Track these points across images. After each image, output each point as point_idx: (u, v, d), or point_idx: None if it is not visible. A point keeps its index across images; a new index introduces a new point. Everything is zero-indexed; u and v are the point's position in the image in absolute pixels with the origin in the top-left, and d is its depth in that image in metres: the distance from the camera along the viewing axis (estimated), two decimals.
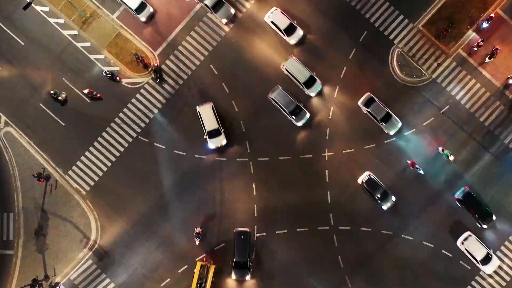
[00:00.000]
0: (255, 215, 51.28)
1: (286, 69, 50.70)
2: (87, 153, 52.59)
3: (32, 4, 53.21)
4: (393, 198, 49.86)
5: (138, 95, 52.83)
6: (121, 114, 52.70)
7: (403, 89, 51.65)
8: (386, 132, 50.66)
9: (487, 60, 50.89)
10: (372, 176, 49.82)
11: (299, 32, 51.35)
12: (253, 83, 51.90)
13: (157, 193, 51.82)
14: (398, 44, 51.95)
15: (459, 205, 49.99)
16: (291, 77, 50.89)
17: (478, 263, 48.66)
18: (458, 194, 49.85)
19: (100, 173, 52.42)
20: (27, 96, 53.24)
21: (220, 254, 50.88)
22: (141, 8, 52.41)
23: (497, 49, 50.52)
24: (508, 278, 49.88)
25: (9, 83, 53.53)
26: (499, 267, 49.75)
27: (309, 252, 50.61)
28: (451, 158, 49.55)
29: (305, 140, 51.53)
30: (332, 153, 51.38)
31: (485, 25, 50.91)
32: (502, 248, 50.12)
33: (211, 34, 53.08)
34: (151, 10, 52.81)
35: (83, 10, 53.69)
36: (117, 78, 52.40)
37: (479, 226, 49.82)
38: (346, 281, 50.36)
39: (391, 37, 52.10)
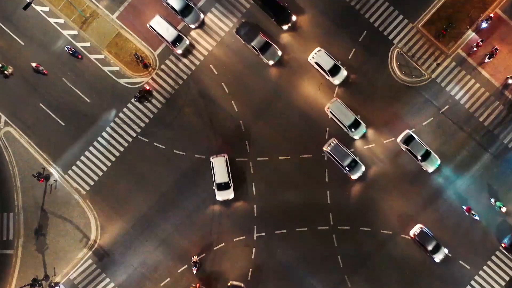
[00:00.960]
0: (255, 215, 51.33)
1: (330, 111, 50.31)
2: (87, 153, 52.65)
3: (32, 4, 53.27)
4: (446, 251, 49.20)
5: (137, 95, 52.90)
6: (121, 114, 52.76)
7: (402, 89, 51.70)
8: (425, 169, 50.18)
9: (486, 60, 50.93)
10: (424, 230, 49.04)
11: (343, 73, 50.79)
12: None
13: (157, 193, 51.87)
14: (397, 44, 52.00)
15: (506, 253, 49.66)
16: (335, 119, 50.41)
17: None
18: (505, 241, 49.25)
19: (100, 173, 52.48)
20: (27, 96, 53.28)
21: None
22: (178, 40, 51.62)
23: (496, 49, 50.57)
24: None
25: (8, 83, 53.55)
26: None
27: (308, 252, 50.67)
28: (504, 209, 49.24)
29: (305, 140, 51.57)
30: None
31: (484, 25, 50.95)
32: None
33: (211, 34, 53.12)
34: (187, 42, 52.08)
35: (83, 10, 53.74)
36: (79, 55, 52.27)
37: None
38: (346, 280, 50.42)
39: (391, 37, 52.14)
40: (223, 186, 50.11)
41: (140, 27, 53.51)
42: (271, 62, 51.50)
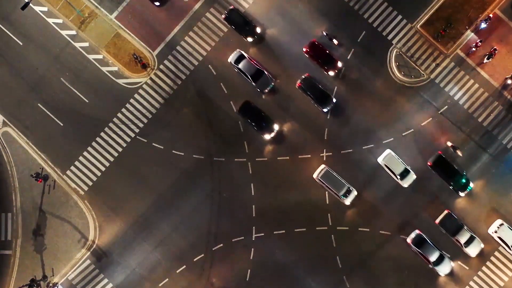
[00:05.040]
0: (254, 215, 51.29)
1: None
2: (85, 153, 52.60)
3: (30, 4, 53.18)
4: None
5: (136, 95, 52.84)
6: (119, 114, 52.71)
7: (401, 90, 51.63)
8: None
9: (485, 60, 50.86)
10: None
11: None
12: None
13: (155, 193, 51.82)
14: (396, 45, 51.93)
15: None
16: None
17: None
18: None
19: (98, 173, 52.43)
20: (25, 96, 53.25)
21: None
22: (347, 192, 49.55)
23: (495, 49, 50.49)
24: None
25: (7, 83, 53.53)
26: None
27: (307, 252, 50.62)
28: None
29: (304, 140, 51.51)
30: (331, 153, 51.37)
31: (483, 25, 50.86)
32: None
33: (210, 34, 53.05)
34: (355, 193, 49.93)
35: (82, 10, 53.68)
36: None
37: None
38: (344, 281, 50.36)
39: (390, 37, 52.07)
40: None
41: (139, 27, 53.46)
42: (473, 254, 48.97)
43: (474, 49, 50.93)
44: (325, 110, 50.73)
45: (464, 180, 49.19)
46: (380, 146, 51.09)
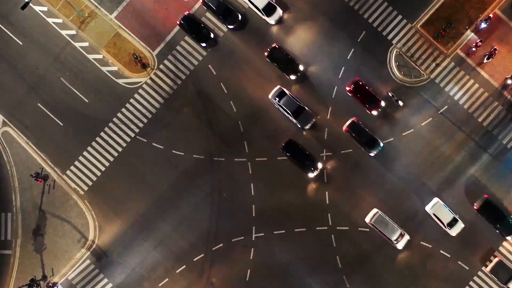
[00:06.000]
0: (253, 215, 51.29)
1: None
2: (85, 153, 52.59)
3: (30, 4, 53.17)
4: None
5: (136, 95, 52.83)
6: (119, 114, 52.70)
7: (401, 90, 51.62)
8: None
9: (485, 60, 50.86)
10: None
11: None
12: None
13: (155, 193, 51.82)
14: (396, 44, 51.92)
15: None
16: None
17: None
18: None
19: (98, 173, 52.42)
20: (25, 96, 53.24)
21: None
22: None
23: (495, 49, 50.49)
24: None
25: (7, 83, 53.51)
26: None
27: (307, 252, 50.62)
28: None
29: (304, 140, 51.49)
30: (330, 153, 51.38)
31: (483, 25, 50.86)
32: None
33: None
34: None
35: (82, 10, 53.66)
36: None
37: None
38: (344, 281, 50.36)
39: (390, 37, 52.06)
40: None
41: (139, 26, 53.44)
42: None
43: (474, 49, 50.92)
44: (371, 154, 50.30)
45: (511, 223, 49.09)
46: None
